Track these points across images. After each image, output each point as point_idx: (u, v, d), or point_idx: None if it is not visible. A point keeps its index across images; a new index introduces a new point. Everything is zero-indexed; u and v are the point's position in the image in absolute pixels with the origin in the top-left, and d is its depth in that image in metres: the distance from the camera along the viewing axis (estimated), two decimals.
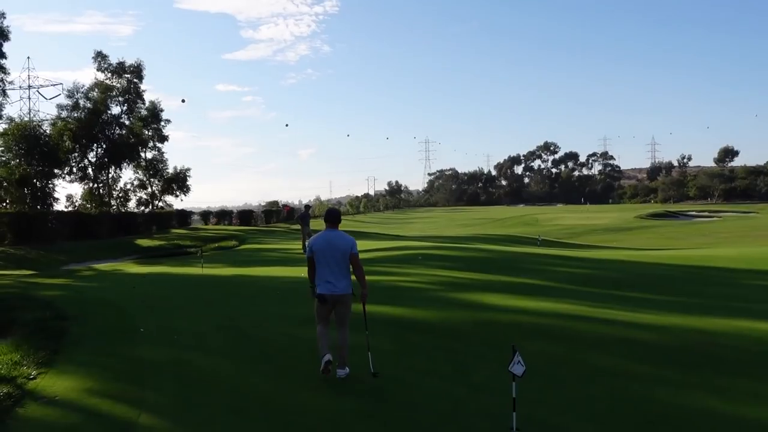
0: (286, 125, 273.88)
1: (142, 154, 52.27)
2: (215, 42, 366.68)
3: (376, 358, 7.31)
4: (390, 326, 8.74)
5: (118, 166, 49.87)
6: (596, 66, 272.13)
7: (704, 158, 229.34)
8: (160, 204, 53.87)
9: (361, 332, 7.14)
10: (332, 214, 7.01)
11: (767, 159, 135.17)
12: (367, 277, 7.10)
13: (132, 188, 52.46)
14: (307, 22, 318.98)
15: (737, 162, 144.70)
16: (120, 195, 51.93)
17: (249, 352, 7.70)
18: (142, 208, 52.40)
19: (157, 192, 53.89)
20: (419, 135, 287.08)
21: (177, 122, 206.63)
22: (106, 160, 48.23)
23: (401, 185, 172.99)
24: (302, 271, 15.04)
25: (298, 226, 55.27)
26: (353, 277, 6.93)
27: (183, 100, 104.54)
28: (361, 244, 20.27)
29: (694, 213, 74.34)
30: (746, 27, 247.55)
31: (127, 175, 79.42)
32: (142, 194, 53.31)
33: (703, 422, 5.23)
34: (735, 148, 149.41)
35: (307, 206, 24.81)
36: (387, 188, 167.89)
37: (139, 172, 52.59)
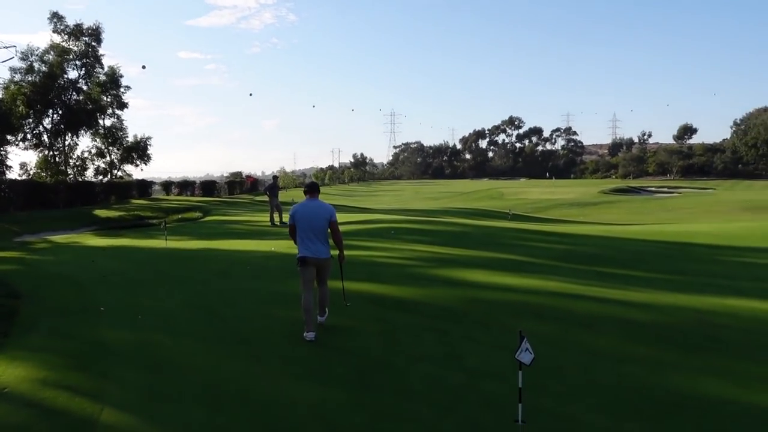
0: (250, 94, 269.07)
1: (101, 121, 50.29)
2: (177, 7, 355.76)
3: (361, 340, 6.84)
4: (372, 305, 8.24)
5: (75, 134, 47.92)
6: (560, 43, 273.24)
7: (664, 135, 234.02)
8: (120, 173, 52.21)
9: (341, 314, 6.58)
10: (312, 185, 7.57)
11: (724, 137, 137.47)
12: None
13: (90, 157, 50.63)
14: None
15: (696, 139, 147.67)
16: (77, 163, 50.07)
17: (222, 333, 7.11)
18: (101, 177, 50.68)
19: (116, 161, 52.11)
20: (384, 107, 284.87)
21: (138, 89, 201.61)
22: (62, 126, 46.28)
23: (366, 158, 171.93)
24: (272, 245, 14.44)
25: (263, 198, 54.07)
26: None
27: (143, 66, 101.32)
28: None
29: (653, 189, 75.52)
30: (705, 7, 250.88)
31: (85, 142, 77.07)
32: (101, 163, 51.53)
33: (718, 411, 4.88)
34: (694, 126, 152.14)
35: (275, 177, 23.92)
36: (352, 160, 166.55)
37: (98, 139, 50.66)
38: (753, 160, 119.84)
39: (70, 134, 47.71)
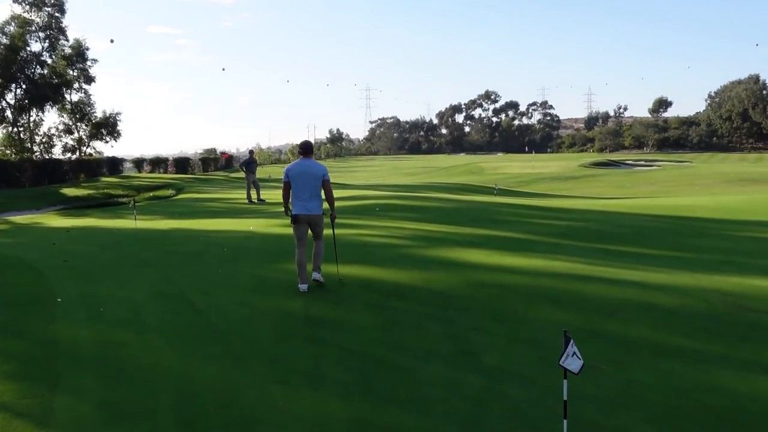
0: (223, 69, 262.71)
1: (67, 96, 48.39)
2: None
3: (358, 334, 5.97)
4: (366, 292, 7.35)
5: (41, 109, 46.00)
6: (534, 16, 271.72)
7: (640, 109, 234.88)
8: (89, 150, 50.40)
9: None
10: (306, 145, 7.86)
11: (699, 110, 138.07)
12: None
13: (57, 133, 48.73)
14: None
15: (671, 113, 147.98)
16: (43, 140, 48.18)
17: (197, 329, 6.16)
18: (69, 154, 48.87)
19: (84, 137, 50.26)
20: (360, 82, 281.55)
21: (108, 66, 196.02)
22: (26, 102, 44.36)
23: (342, 133, 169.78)
24: (251, 224, 13.45)
25: (239, 175, 52.74)
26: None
27: (111, 41, 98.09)
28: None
29: (631, 162, 75.46)
30: None
31: (51, 119, 74.49)
32: (69, 140, 49.68)
33: None
34: (669, 99, 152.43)
35: (251, 151, 22.75)
36: (328, 136, 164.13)
37: (65, 115, 48.77)
38: (727, 133, 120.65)
39: (35, 110, 45.83)
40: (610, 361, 5.15)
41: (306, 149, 7.77)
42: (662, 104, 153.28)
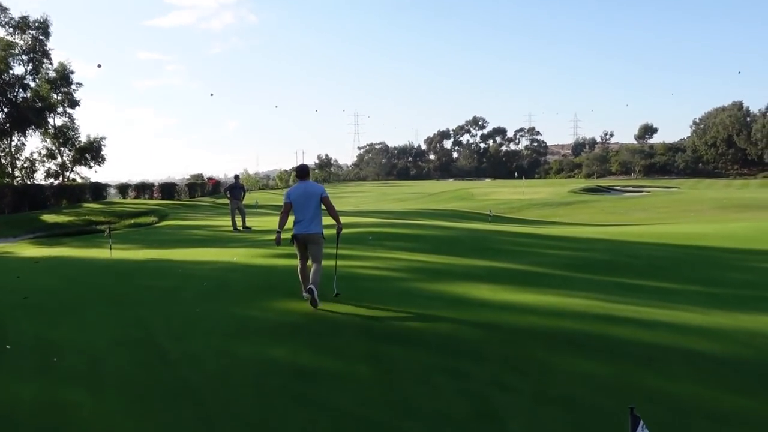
0: (211, 95, 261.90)
1: (51, 120, 47.42)
2: (136, 7, 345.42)
3: (353, 391, 5.05)
4: (363, 336, 6.43)
5: (23, 133, 44.99)
6: (520, 44, 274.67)
7: (625, 135, 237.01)
8: (72, 175, 49.30)
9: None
10: (302, 168, 8.33)
11: (684, 136, 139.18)
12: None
13: (39, 158, 47.65)
14: None
15: (656, 138, 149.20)
16: (25, 165, 47.06)
17: (164, 385, 5.20)
18: (52, 180, 47.73)
19: (68, 162, 49.18)
20: (348, 108, 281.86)
21: (96, 91, 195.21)
22: (8, 126, 43.31)
23: (331, 158, 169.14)
24: (234, 254, 12.52)
25: (225, 200, 51.90)
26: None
27: (99, 65, 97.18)
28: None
29: (619, 188, 75.28)
30: (660, 9, 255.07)
31: (34, 143, 73.09)
32: (51, 165, 48.59)
33: None
34: (654, 125, 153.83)
35: (237, 176, 21.75)
36: (317, 161, 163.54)
37: (47, 140, 47.77)
38: (713, 159, 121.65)
39: (17, 134, 44.75)
40: (660, 429, 4.27)
41: (303, 172, 8.23)
42: (648, 130, 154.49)
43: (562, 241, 13.94)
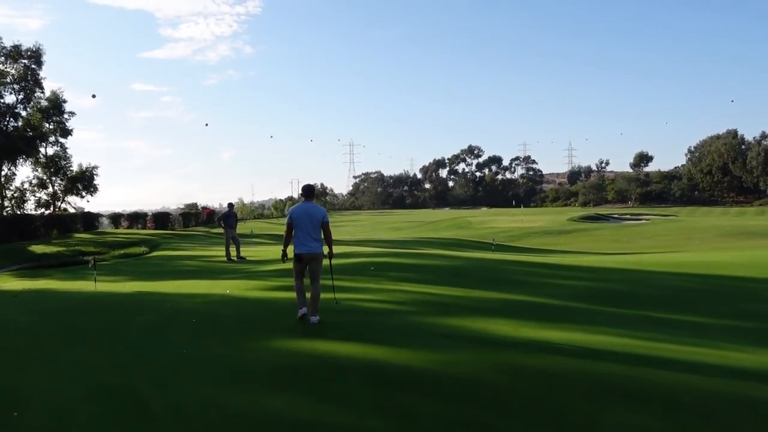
0: (206, 125, 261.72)
1: (42, 149, 46.74)
2: (132, 39, 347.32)
3: None
4: (372, 382, 5.61)
5: (13, 162, 44.23)
6: (513, 73, 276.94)
7: (621, 163, 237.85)
8: (64, 206, 48.45)
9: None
10: (307, 189, 8.40)
11: (678, 163, 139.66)
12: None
13: (30, 188, 46.85)
14: (228, 21, 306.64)
15: (652, 167, 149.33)
16: (15, 195, 46.24)
17: None
18: (43, 210, 46.86)
19: (59, 192, 48.38)
20: (343, 137, 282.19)
21: (91, 122, 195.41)
22: None
23: (327, 188, 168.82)
24: (228, 286, 11.70)
25: (219, 230, 50.84)
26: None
27: (93, 95, 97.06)
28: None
29: (617, 216, 74.84)
30: (650, 41, 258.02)
31: (25, 172, 72.10)
32: (42, 194, 47.78)
33: None
34: (649, 154, 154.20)
35: (231, 205, 20.97)
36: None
37: (39, 169, 47.03)
38: (709, 187, 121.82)
39: (7, 163, 44.00)
40: None
41: (307, 192, 8.39)
42: (643, 159, 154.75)
43: (576, 270, 13.16)
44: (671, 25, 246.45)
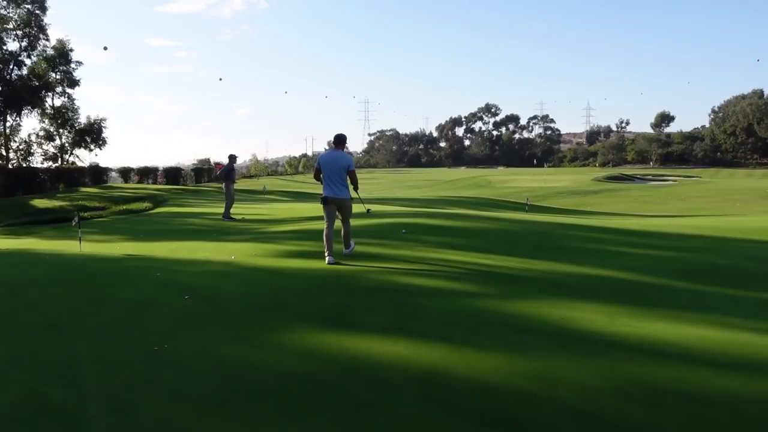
0: (220, 79, 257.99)
1: (48, 101, 44.82)
2: None
3: None
4: (432, 408, 3.71)
5: (18, 113, 42.42)
6: (531, 30, 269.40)
7: (640, 124, 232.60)
8: (72, 159, 46.74)
9: None
10: (337, 137, 8.74)
11: (701, 124, 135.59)
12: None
13: (36, 140, 45.07)
14: None
15: (673, 127, 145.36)
16: (20, 147, 44.52)
17: None
18: (50, 163, 45.21)
19: (67, 145, 46.62)
20: (358, 95, 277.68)
21: (106, 77, 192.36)
22: (1, 105, 40.74)
23: None
24: (234, 251, 9.82)
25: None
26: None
27: (105, 47, 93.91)
28: (310, 209, 14.69)
29: (639, 176, 72.20)
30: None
31: (31, 124, 70.56)
32: (50, 147, 46.03)
33: None
34: (671, 114, 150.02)
35: (233, 157, 18.01)
36: (326, 148, 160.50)
37: (45, 121, 45.17)
38: (732, 148, 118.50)
39: (11, 114, 42.17)
40: None
41: (337, 140, 8.68)
42: (664, 119, 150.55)
43: (644, 237, 11.06)
44: None
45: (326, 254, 8.31)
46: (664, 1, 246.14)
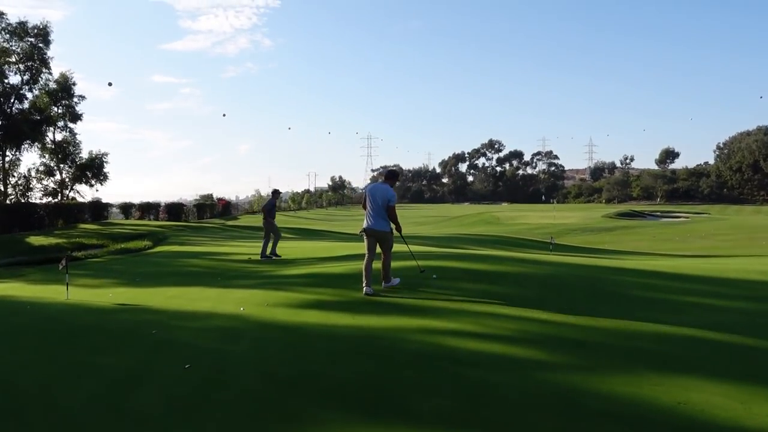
0: (224, 115, 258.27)
1: (49, 135, 43.95)
2: (152, 31, 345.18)
3: None
4: None
5: (18, 148, 41.47)
6: (534, 68, 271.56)
7: (644, 160, 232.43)
8: (72, 194, 45.64)
9: None
10: (389, 171, 9.32)
11: (704, 160, 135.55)
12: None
13: (36, 175, 44.02)
14: (247, 14, 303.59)
15: (678, 164, 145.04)
16: (19, 182, 43.47)
17: None
18: (50, 198, 44.11)
19: (67, 180, 45.58)
20: (361, 130, 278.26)
21: (110, 113, 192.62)
22: (0, 140, 39.82)
23: (345, 180, 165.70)
24: (243, 300, 8.48)
25: (235, 222, 47.86)
26: None
27: (110, 83, 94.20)
28: (321, 248, 13.37)
29: (650, 213, 70.98)
30: (674, 35, 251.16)
31: (30, 158, 69.53)
32: (50, 182, 44.99)
33: None
34: (675, 150, 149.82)
35: (276, 192, 16.63)
36: (330, 183, 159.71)
37: (46, 155, 44.24)
38: (738, 185, 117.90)
39: (10, 148, 41.23)
40: None
41: (387, 174, 9.16)
42: (669, 155, 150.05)
43: (705, 283, 9.60)
44: (694, 19, 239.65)
45: (364, 284, 8.32)
46: (664, 39, 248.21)
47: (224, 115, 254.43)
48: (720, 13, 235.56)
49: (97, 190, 46.19)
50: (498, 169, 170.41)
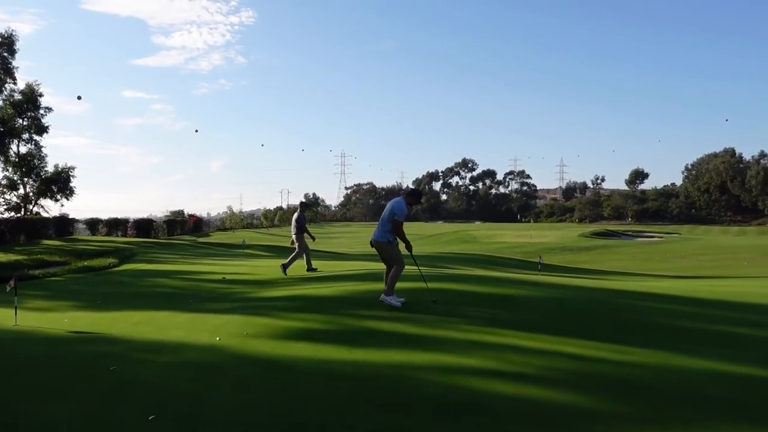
0: (196, 131, 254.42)
1: (13, 147, 42.24)
2: (124, 46, 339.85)
3: None
4: None
5: None
6: (505, 88, 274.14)
7: (615, 180, 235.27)
8: (36, 209, 43.85)
9: None
10: (412, 190, 9.12)
11: (672, 180, 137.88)
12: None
13: None
14: (221, 31, 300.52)
15: (647, 184, 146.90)
16: None
17: None
18: (12, 213, 42.29)
19: (31, 194, 43.80)
20: (335, 148, 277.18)
21: (80, 128, 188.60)
22: None
23: (319, 198, 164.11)
24: (218, 328, 7.43)
25: (206, 239, 46.51)
26: None
27: (79, 97, 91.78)
28: (299, 267, 12.28)
29: (623, 233, 71.23)
30: (643, 61, 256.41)
31: None
32: (12, 196, 43.19)
33: None
34: (645, 171, 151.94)
35: (304, 204, 15.73)
36: (303, 201, 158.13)
37: (9, 168, 42.48)
38: (706, 206, 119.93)
39: None
40: None
41: (408, 192, 9.00)
42: (638, 176, 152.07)
43: (724, 308, 8.88)
44: (663, 44, 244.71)
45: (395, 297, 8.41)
46: (632, 62, 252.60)
47: (197, 131, 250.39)
48: (688, 39, 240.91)
49: (62, 205, 44.55)
50: (471, 188, 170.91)
